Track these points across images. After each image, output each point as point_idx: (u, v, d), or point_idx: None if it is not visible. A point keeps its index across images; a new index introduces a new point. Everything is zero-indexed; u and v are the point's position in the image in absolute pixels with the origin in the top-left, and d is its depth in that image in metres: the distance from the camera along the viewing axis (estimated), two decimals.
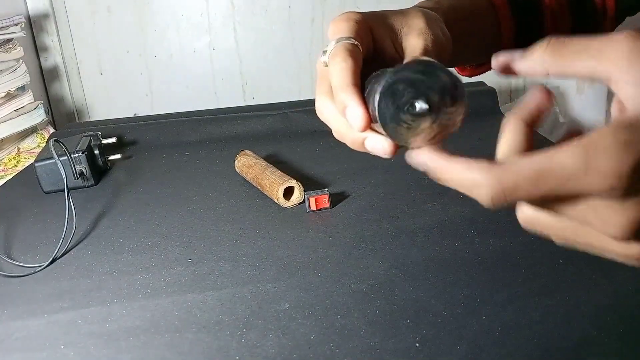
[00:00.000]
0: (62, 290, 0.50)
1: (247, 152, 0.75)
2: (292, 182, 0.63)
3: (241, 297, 0.46)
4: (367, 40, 0.44)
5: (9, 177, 0.85)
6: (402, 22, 0.46)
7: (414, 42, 0.44)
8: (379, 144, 0.38)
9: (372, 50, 0.45)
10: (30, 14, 1.17)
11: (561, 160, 0.27)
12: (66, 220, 0.59)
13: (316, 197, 0.62)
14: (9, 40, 0.99)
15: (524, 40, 0.60)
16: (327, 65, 0.42)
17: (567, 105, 1.29)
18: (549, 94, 0.31)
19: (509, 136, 0.31)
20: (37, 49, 1.20)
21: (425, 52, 0.43)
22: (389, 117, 0.34)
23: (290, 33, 1.26)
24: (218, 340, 0.41)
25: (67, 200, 0.60)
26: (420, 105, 0.34)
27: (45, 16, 1.18)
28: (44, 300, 0.49)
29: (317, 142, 0.86)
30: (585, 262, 0.47)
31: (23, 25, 1.02)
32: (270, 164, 0.70)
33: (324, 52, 0.43)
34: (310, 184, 0.65)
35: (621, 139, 0.27)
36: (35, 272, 0.54)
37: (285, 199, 0.63)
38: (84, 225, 0.63)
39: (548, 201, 0.29)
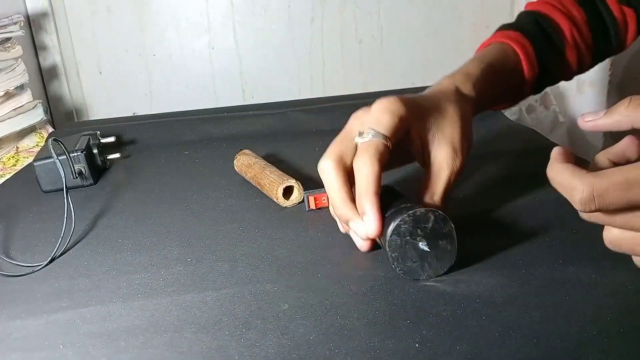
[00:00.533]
0: (61, 289, 0.50)
1: (247, 151, 0.75)
2: (292, 182, 0.63)
3: (240, 297, 0.46)
4: (399, 136, 0.48)
5: (8, 176, 0.85)
6: (438, 126, 0.50)
7: (439, 171, 0.50)
8: (360, 243, 0.50)
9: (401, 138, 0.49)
10: (29, 12, 1.17)
11: None
12: (65, 219, 0.59)
13: (315, 195, 0.62)
14: (7, 39, 0.99)
15: (542, 86, 0.68)
16: (356, 145, 0.48)
17: (567, 105, 1.29)
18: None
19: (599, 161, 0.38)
20: (36, 48, 1.20)
21: (445, 192, 0.50)
22: (397, 260, 0.46)
23: (289, 33, 1.26)
24: (217, 340, 0.41)
25: (65, 200, 0.60)
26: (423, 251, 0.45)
27: (44, 15, 1.18)
28: (42, 300, 0.49)
29: (317, 141, 0.86)
30: (585, 262, 0.47)
31: (22, 24, 1.02)
32: (269, 163, 0.70)
33: (361, 133, 0.48)
34: (309, 184, 0.65)
35: None
36: (34, 272, 0.54)
37: (285, 199, 0.63)
38: (82, 224, 0.63)
39: (636, 209, 0.33)
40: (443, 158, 0.50)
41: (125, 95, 1.27)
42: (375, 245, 0.50)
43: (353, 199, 0.47)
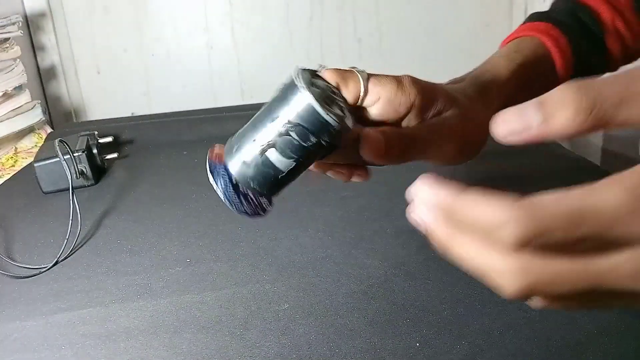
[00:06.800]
0: (60, 291, 0.50)
1: None
2: None
3: (240, 297, 0.46)
4: (387, 115, 0.42)
5: (7, 177, 0.85)
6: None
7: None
8: None
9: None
10: (27, 13, 1.17)
11: (603, 202, 0.22)
12: (70, 221, 0.59)
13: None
14: (6, 40, 0.98)
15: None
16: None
17: None
18: None
19: None
20: (34, 48, 1.19)
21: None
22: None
23: (288, 31, 1.26)
24: (217, 341, 0.41)
25: (71, 201, 0.60)
26: None
27: (42, 15, 1.18)
28: (42, 301, 0.49)
29: None
30: None
31: (20, 25, 1.02)
32: None
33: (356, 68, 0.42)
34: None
35: None
36: (40, 273, 0.53)
37: None
38: (82, 225, 0.63)
39: (585, 246, 0.23)
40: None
41: (123, 94, 1.27)
42: None
43: None
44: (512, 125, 0.25)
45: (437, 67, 1.29)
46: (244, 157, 0.36)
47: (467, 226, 0.24)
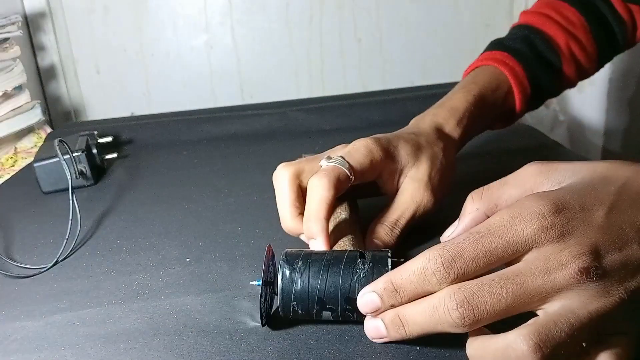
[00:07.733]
0: (60, 291, 0.50)
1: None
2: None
3: (240, 299, 0.46)
4: (368, 177, 0.48)
5: (7, 177, 0.85)
6: (412, 170, 0.50)
7: (404, 205, 0.49)
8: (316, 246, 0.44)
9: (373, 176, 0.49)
10: (27, 12, 1.17)
11: (491, 221, 0.32)
12: (70, 221, 0.58)
13: None
14: (5, 40, 0.98)
15: (538, 104, 0.65)
16: (320, 166, 0.47)
17: (568, 103, 1.29)
18: None
19: None
20: (34, 48, 1.19)
21: (404, 228, 0.49)
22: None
23: (288, 31, 1.26)
24: (217, 344, 0.41)
25: (71, 201, 0.60)
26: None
27: (42, 15, 1.18)
28: (41, 302, 0.48)
29: (316, 140, 0.86)
30: None
31: (20, 24, 1.02)
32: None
33: (329, 158, 0.47)
34: None
35: (537, 195, 0.32)
36: (40, 273, 0.53)
37: None
38: (82, 225, 0.63)
39: (492, 262, 0.32)
40: (410, 193, 0.49)
41: (123, 94, 1.27)
42: None
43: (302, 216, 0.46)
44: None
45: (437, 67, 1.29)
46: (299, 292, 0.39)
47: (405, 290, 0.34)
